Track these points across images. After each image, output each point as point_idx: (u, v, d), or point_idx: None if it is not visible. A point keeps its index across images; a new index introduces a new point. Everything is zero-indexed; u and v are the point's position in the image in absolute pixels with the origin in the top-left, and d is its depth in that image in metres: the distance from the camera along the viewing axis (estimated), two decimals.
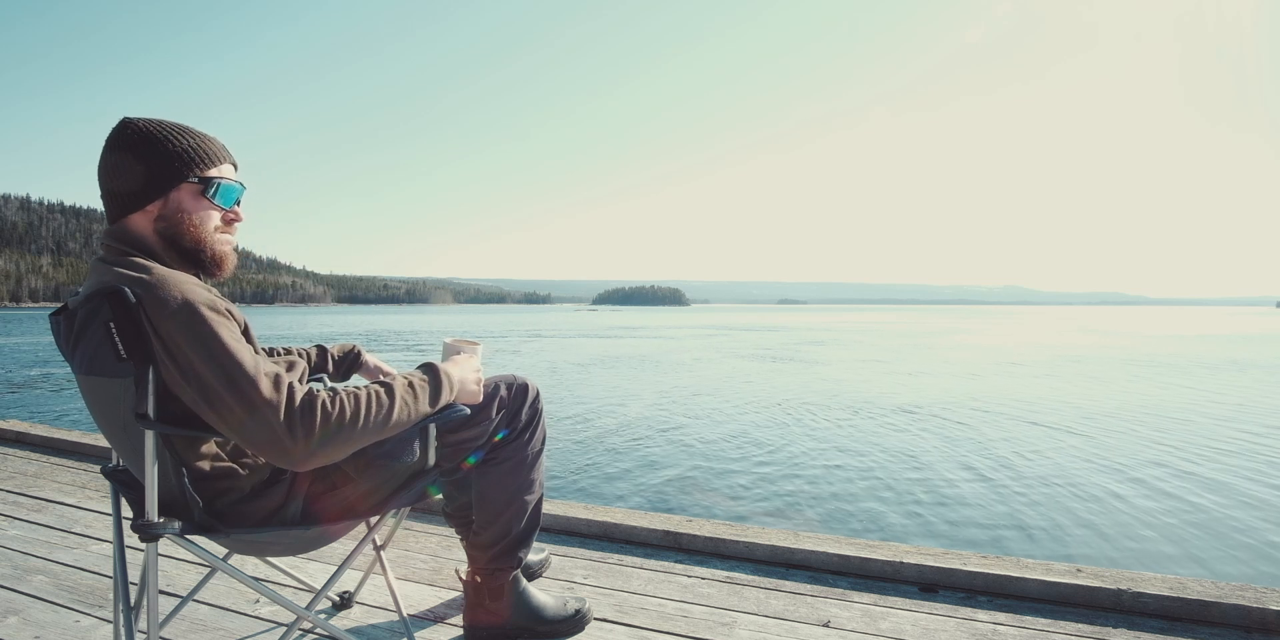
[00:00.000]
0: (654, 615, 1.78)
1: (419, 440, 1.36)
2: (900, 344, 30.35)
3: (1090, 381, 14.95)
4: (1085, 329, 51.06)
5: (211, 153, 1.21)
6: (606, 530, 2.32)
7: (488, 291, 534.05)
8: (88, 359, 1.11)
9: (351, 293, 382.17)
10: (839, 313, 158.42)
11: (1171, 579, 1.86)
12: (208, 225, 1.21)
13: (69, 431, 3.66)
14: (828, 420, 9.55)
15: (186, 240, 1.20)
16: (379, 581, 1.93)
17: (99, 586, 1.90)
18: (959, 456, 7.21)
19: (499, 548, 1.59)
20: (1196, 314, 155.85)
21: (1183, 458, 7.25)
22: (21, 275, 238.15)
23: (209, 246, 1.22)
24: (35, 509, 2.57)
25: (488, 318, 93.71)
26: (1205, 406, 11.23)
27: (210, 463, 1.20)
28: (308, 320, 70.88)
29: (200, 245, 1.21)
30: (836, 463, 6.92)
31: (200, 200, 1.20)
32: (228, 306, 1.12)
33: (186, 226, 1.19)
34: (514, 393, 1.57)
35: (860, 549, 2.09)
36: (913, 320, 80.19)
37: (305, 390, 1.08)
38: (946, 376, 15.93)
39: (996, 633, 1.69)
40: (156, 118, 1.21)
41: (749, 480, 6.21)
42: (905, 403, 11.28)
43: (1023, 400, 11.72)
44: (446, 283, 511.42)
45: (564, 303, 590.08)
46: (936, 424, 9.26)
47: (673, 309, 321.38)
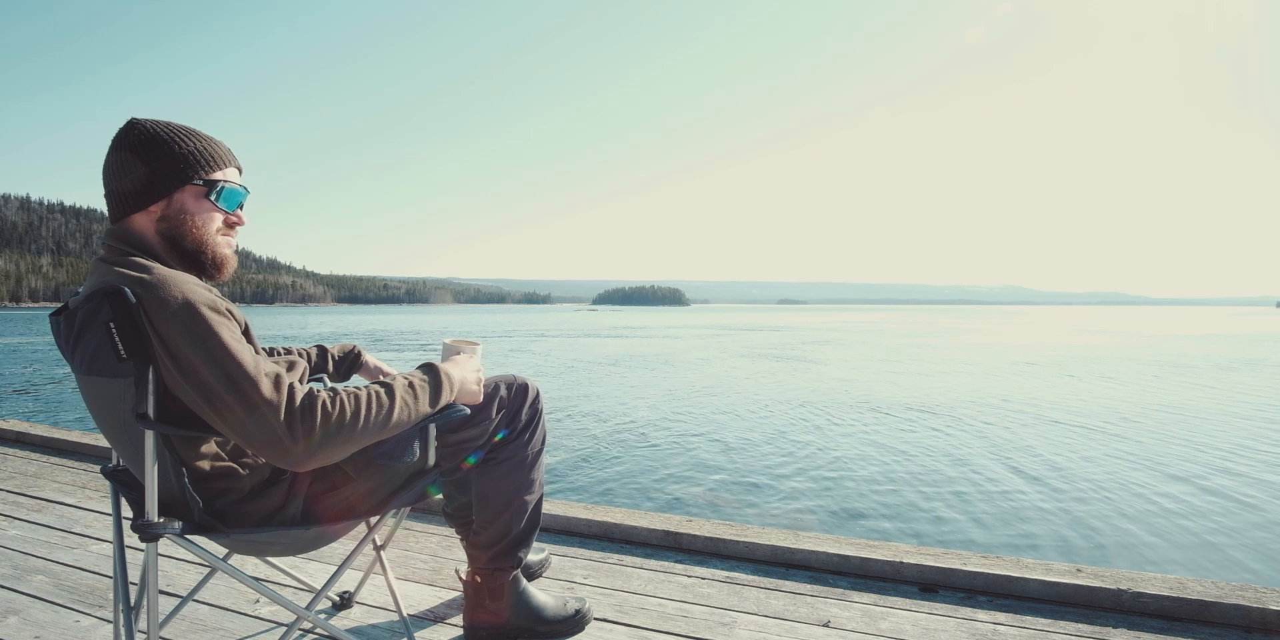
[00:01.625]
0: (654, 615, 1.78)
1: (419, 440, 1.36)
2: (904, 343, 30.36)
3: (1110, 381, 14.91)
4: (1089, 329, 50.99)
5: (217, 156, 1.21)
6: (606, 530, 2.32)
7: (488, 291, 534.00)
8: (88, 359, 1.11)
9: (351, 293, 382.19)
10: (839, 312, 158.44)
11: (1171, 579, 1.86)
12: (209, 227, 1.21)
13: (69, 431, 3.66)
14: (831, 420, 9.55)
15: (188, 242, 1.20)
16: (379, 581, 1.93)
17: (99, 586, 1.90)
18: (961, 457, 7.21)
19: (499, 548, 1.59)
20: (1197, 314, 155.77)
21: (1225, 458, 7.22)
22: (21, 275, 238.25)
23: (210, 249, 1.22)
24: (35, 509, 2.57)
25: (488, 318, 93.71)
26: (1233, 405, 11.20)
27: (210, 463, 1.20)
28: (308, 320, 70.87)
29: (201, 247, 1.21)
30: (838, 462, 6.92)
31: (203, 203, 1.20)
32: (228, 307, 1.12)
33: (188, 228, 1.19)
34: (514, 393, 1.57)
35: (860, 549, 2.09)
36: (913, 320, 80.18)
37: (305, 390, 1.08)
38: (959, 376, 15.90)
39: (996, 633, 1.69)
40: (164, 119, 1.21)
41: (749, 480, 6.21)
42: (912, 403, 11.28)
43: (1045, 400, 11.67)
44: (446, 283, 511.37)
45: (564, 303, 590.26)
46: (942, 424, 9.25)
47: (673, 309, 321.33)
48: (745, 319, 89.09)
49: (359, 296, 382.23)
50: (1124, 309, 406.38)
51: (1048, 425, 9.19)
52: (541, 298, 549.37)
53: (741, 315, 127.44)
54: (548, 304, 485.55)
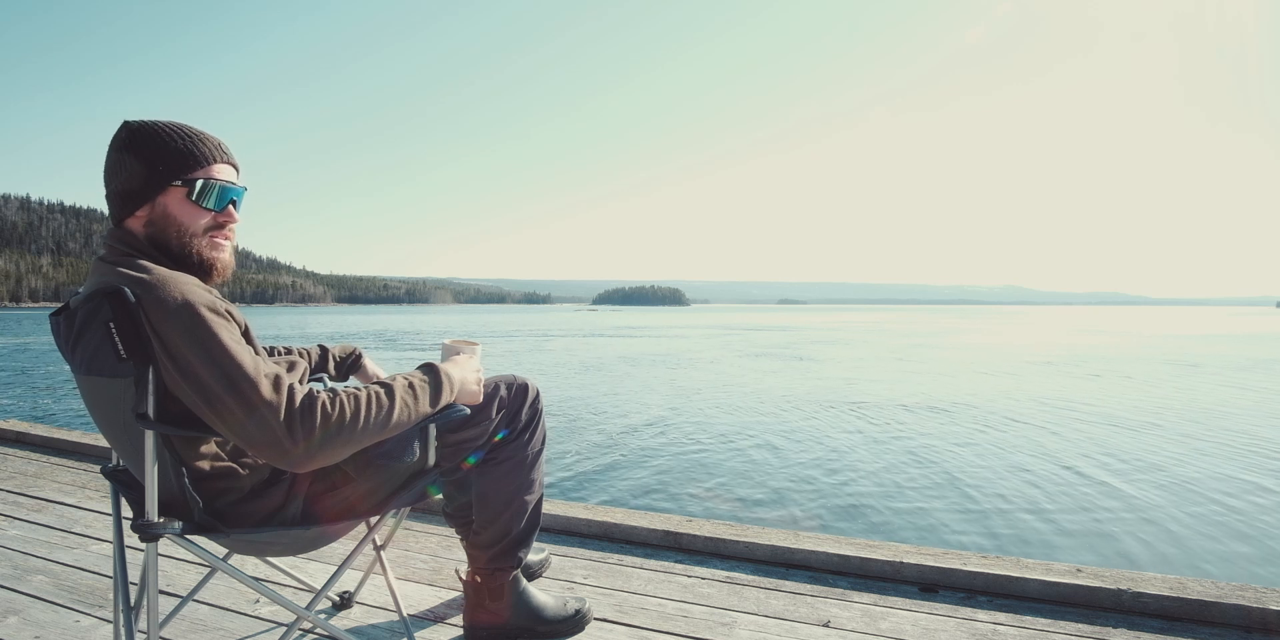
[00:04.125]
0: (654, 615, 1.78)
1: (419, 440, 1.36)
2: (910, 343, 30.31)
3: (1128, 381, 14.84)
4: (1091, 329, 50.87)
5: (200, 154, 1.18)
6: (606, 530, 2.32)
7: (488, 291, 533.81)
8: (87, 359, 1.11)
9: (351, 293, 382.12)
10: (840, 313, 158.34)
11: (1171, 579, 1.86)
12: (194, 229, 1.18)
13: (69, 431, 3.66)
14: (835, 420, 9.55)
15: (173, 245, 1.17)
16: (379, 581, 1.93)
17: (99, 586, 1.90)
18: (963, 456, 7.20)
19: (499, 548, 1.59)
20: (1198, 314, 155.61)
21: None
22: (21, 275, 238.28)
23: (195, 251, 1.19)
24: (35, 509, 2.57)
25: (488, 318, 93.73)
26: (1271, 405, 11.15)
27: (210, 463, 1.20)
28: (308, 320, 70.86)
29: (186, 250, 1.18)
30: (838, 462, 6.91)
31: (186, 204, 1.17)
32: (228, 307, 1.12)
33: (172, 231, 1.17)
34: (514, 393, 1.57)
35: (860, 549, 2.09)
36: (914, 320, 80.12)
37: (305, 391, 1.08)
38: (972, 376, 15.80)
39: (996, 633, 1.69)
40: (157, 119, 1.20)
41: (750, 480, 6.21)
42: (925, 403, 11.25)
43: (1072, 401, 11.56)
44: (446, 283, 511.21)
45: (564, 303, 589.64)
46: (956, 423, 9.24)
47: (673, 309, 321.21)
48: (746, 319, 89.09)
49: (359, 296, 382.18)
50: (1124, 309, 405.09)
51: (1070, 425, 9.08)
52: (541, 298, 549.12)
53: (742, 315, 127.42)
54: (548, 304, 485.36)
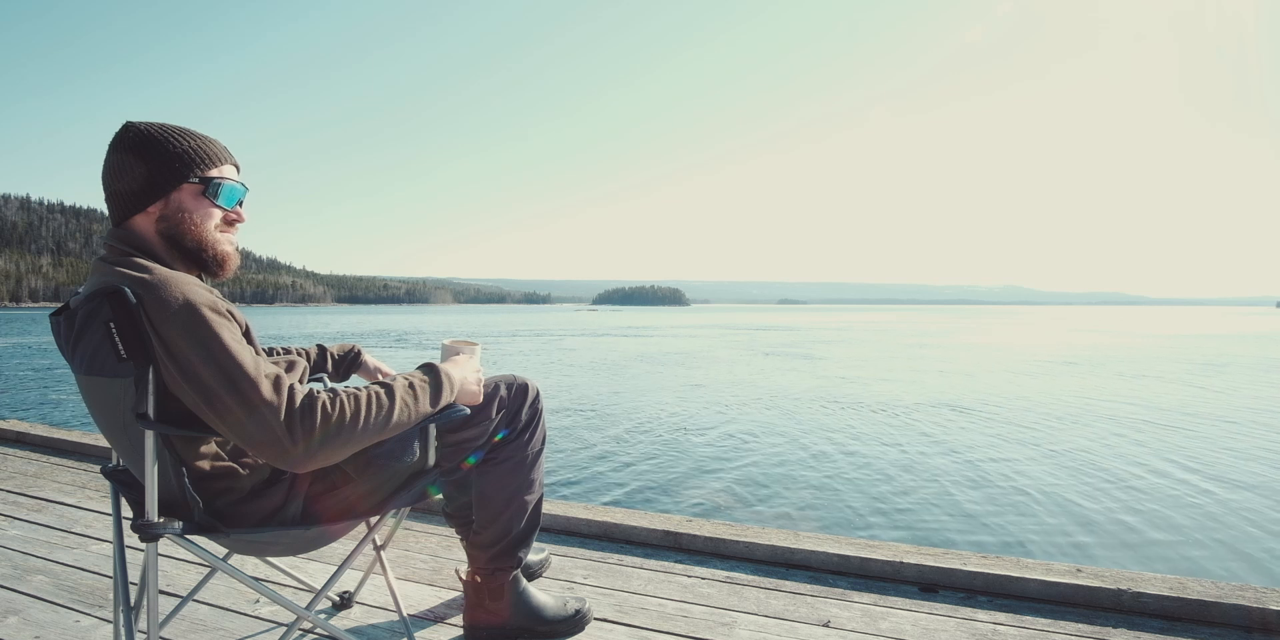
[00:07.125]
0: (654, 615, 1.78)
1: (419, 440, 1.36)
2: (912, 343, 30.31)
3: (1152, 380, 14.82)
4: (1092, 329, 50.79)
5: (212, 154, 1.22)
6: (606, 530, 2.32)
7: (488, 291, 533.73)
8: (88, 359, 1.11)
9: (351, 293, 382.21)
10: (841, 312, 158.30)
11: (1171, 579, 1.86)
12: (209, 225, 1.22)
13: (69, 431, 3.66)
14: (836, 420, 9.55)
15: (188, 240, 1.20)
16: (379, 581, 1.93)
17: (99, 586, 1.90)
18: (964, 457, 7.20)
19: (499, 548, 1.59)
20: (1199, 314, 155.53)
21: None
22: (21, 275, 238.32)
23: (210, 246, 1.22)
24: (35, 509, 2.57)
25: (489, 318, 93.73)
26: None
27: (210, 463, 1.20)
28: (308, 320, 70.88)
29: (202, 245, 1.21)
30: (839, 462, 6.91)
31: (201, 200, 1.20)
32: (229, 308, 1.12)
33: (188, 226, 1.19)
34: (514, 393, 1.57)
35: (860, 549, 2.09)
36: (915, 320, 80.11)
37: (305, 391, 1.09)
38: (973, 376, 15.82)
39: (996, 633, 1.69)
40: (159, 121, 1.22)
41: (750, 479, 6.20)
42: (937, 402, 11.24)
43: (1090, 400, 11.57)
44: (446, 283, 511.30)
45: (564, 303, 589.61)
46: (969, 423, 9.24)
47: (673, 309, 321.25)
48: (747, 319, 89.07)
49: (359, 296, 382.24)
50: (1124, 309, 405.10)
51: (1081, 426, 9.08)
52: (541, 298, 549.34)
53: (743, 315, 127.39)
54: (548, 304, 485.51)
